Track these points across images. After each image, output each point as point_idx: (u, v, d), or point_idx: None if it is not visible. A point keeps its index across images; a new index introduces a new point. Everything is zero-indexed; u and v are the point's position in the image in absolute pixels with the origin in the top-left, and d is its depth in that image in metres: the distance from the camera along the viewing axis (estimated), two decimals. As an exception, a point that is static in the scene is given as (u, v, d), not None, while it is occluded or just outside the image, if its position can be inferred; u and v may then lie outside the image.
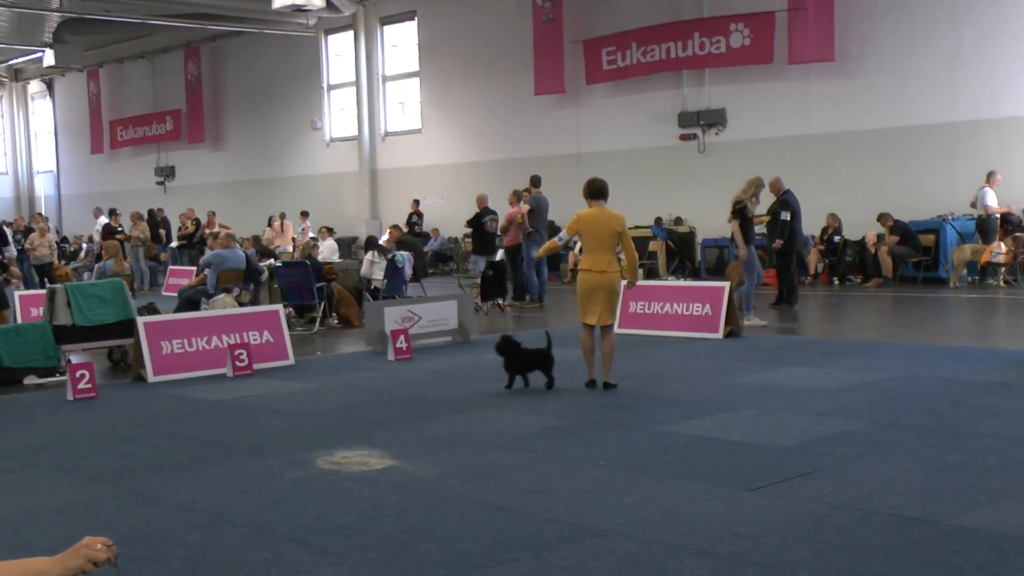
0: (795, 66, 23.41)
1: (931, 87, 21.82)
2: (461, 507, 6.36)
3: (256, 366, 12.25)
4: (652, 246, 24.86)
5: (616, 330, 14.47)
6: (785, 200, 17.24)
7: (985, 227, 20.01)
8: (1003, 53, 20.88)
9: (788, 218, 17.14)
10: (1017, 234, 19.71)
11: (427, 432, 8.62)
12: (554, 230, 26.71)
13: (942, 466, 6.93)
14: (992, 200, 19.80)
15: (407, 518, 6.17)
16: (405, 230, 27.16)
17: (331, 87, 34.69)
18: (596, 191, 10.26)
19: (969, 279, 20.17)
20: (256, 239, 24.02)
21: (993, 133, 20.98)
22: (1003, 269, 19.68)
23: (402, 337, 13.09)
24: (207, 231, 19.07)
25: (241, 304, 15.88)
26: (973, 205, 20.38)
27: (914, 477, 6.68)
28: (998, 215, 19.87)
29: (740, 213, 15.17)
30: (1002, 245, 19.53)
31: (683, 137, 25.70)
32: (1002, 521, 5.72)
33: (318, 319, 16.67)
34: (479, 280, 19.10)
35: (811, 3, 22.89)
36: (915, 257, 20.81)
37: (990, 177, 19.91)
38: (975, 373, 10.47)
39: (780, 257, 17.44)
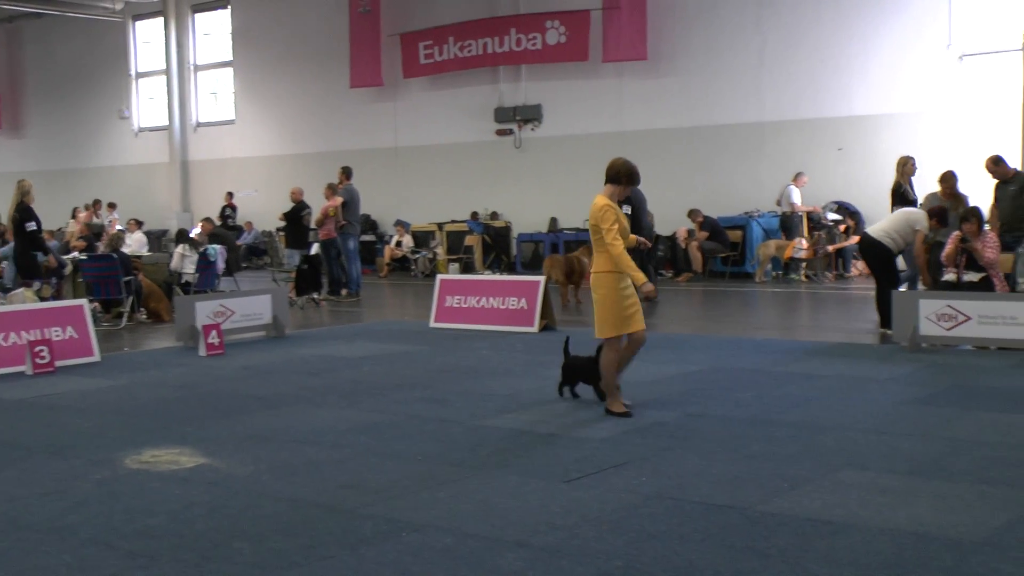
0: (609, 64, 23.84)
1: (738, 88, 22.54)
2: (275, 504, 6.24)
3: (59, 363, 11.74)
4: (468, 240, 24.96)
5: (432, 324, 14.62)
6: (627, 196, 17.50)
7: (789, 224, 20.82)
8: (805, 57, 21.73)
9: (629, 211, 17.41)
10: (816, 232, 20.56)
11: (240, 429, 8.42)
12: (370, 224, 26.66)
13: (748, 455, 7.16)
14: (797, 198, 20.61)
15: (219, 517, 6.01)
16: (218, 223, 26.59)
17: (140, 75, 33.60)
18: (609, 172, 8.55)
19: (774, 274, 20.93)
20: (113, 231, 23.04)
21: (796, 133, 21.82)
22: (804, 264, 20.49)
23: (214, 332, 12.77)
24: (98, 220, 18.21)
25: (42, 299, 15.22)
26: (779, 203, 21.15)
27: (722, 466, 6.87)
28: (803, 213, 20.69)
29: (901, 197, 14.44)
30: (803, 241, 20.33)
31: (499, 132, 25.87)
32: (804, 505, 5.94)
33: (125, 314, 16.11)
34: (294, 274, 18.82)
35: (625, 3, 23.34)
36: (723, 252, 21.47)
37: (797, 177, 20.71)
38: (779, 364, 10.87)
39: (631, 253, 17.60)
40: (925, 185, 15.16)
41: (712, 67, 22.78)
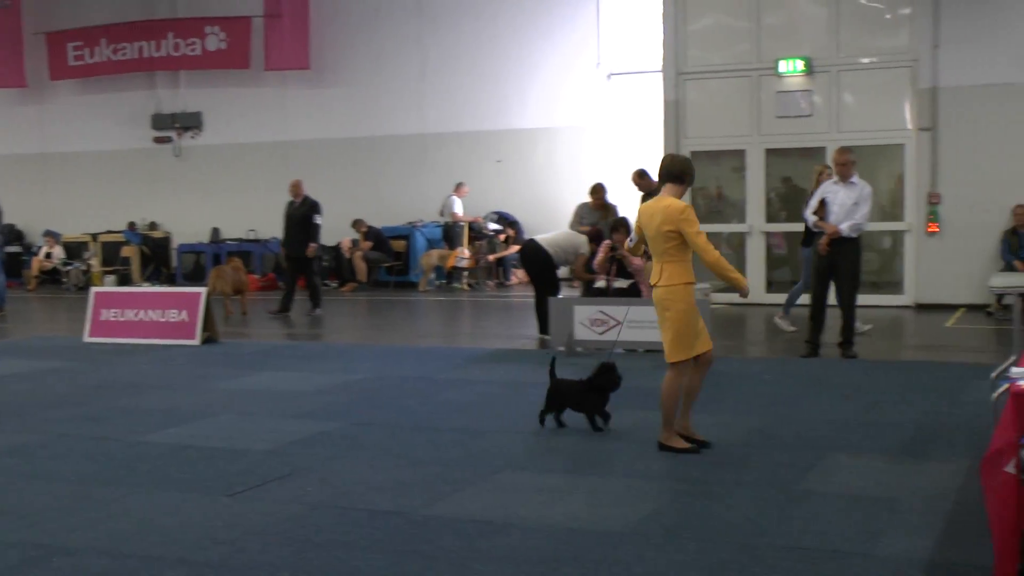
0: (272, 73, 23.57)
1: (401, 100, 22.85)
2: (-92, 537, 5.76)
3: None
4: (125, 251, 24.01)
5: (87, 339, 13.93)
6: (316, 203, 17.08)
7: (451, 233, 21.32)
8: (465, 72, 22.31)
9: (320, 221, 17.10)
10: (478, 241, 21.16)
11: None
12: (15, 234, 25.07)
13: (413, 460, 7.28)
14: (459, 208, 21.14)
15: None
16: None
17: None
18: (664, 171, 7.44)
19: (437, 283, 21.34)
20: None
21: (456, 145, 22.35)
22: (466, 273, 21.02)
23: None
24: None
25: None
26: (441, 213, 21.60)
27: (388, 472, 6.95)
28: (464, 223, 21.24)
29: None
30: (465, 251, 20.86)
31: (158, 140, 25.01)
32: (466, 508, 6.12)
33: None
34: (-71, 288, 17.44)
35: (287, 11, 23.15)
36: (387, 262, 21.68)
37: (458, 187, 21.22)
38: (442, 371, 11.09)
39: (307, 261, 17.03)
40: (580, 196, 15.90)
41: (375, 79, 22.98)
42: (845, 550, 5.28)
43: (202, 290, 13.92)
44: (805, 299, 12.43)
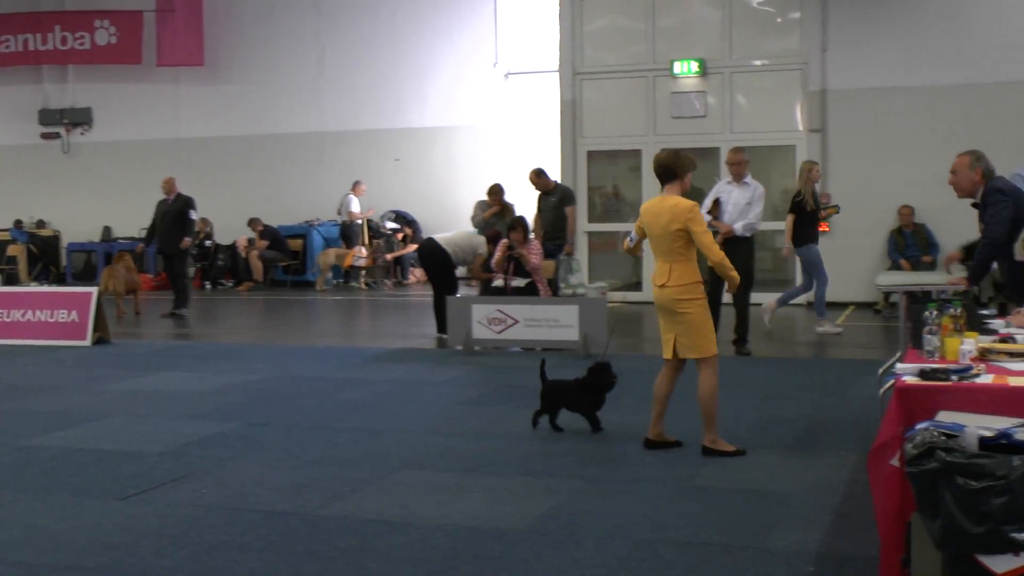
0: (164, 68, 23.14)
1: (299, 97, 22.62)
2: None
3: None
4: (11, 250, 23.37)
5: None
6: (190, 199, 16.66)
7: (349, 232, 21.18)
8: (363, 70, 22.18)
9: (196, 217, 16.80)
10: (376, 240, 21.07)
11: None
12: None
13: (310, 461, 7.23)
14: (356, 207, 21.02)
15: None
16: None
17: None
18: (659, 170, 7.42)
19: (335, 282, 21.18)
20: None
21: (356, 143, 22.21)
22: (364, 272, 20.92)
23: None
24: None
25: None
26: (339, 212, 21.46)
27: (284, 473, 6.90)
28: (362, 221, 21.13)
29: (797, 207, 13.00)
30: (363, 249, 20.76)
31: (45, 136, 24.40)
32: (363, 508, 6.10)
33: None
34: None
35: (180, 6, 22.75)
36: (284, 261, 21.47)
37: (355, 186, 21.10)
38: (340, 371, 11.03)
39: (181, 258, 16.73)
40: (478, 194, 15.94)
41: (272, 75, 22.71)
42: (738, 544, 5.38)
43: (93, 290, 13.63)
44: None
